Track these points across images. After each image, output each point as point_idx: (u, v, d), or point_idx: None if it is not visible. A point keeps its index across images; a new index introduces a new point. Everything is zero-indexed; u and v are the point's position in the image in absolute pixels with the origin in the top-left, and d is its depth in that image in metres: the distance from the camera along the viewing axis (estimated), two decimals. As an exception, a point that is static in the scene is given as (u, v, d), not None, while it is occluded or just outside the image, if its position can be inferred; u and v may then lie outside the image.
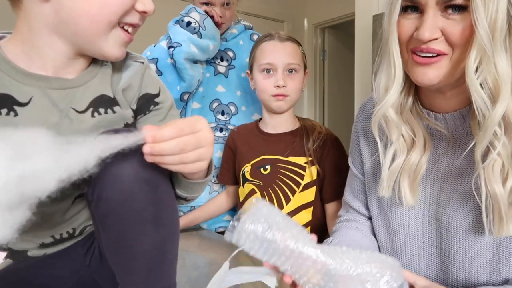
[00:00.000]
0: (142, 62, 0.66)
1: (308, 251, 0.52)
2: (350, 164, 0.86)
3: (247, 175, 1.17)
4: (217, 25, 1.29)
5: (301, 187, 1.11)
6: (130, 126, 0.65)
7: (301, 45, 1.19)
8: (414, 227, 0.70)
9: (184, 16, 1.25)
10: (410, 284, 0.58)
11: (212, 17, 1.28)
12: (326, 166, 1.12)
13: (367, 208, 0.80)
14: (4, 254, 0.68)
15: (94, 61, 0.62)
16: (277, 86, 1.10)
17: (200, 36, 1.24)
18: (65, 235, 0.65)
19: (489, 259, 0.61)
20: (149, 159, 0.47)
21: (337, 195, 1.08)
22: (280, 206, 1.11)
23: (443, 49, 0.57)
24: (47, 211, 0.59)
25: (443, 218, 0.66)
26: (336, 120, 3.43)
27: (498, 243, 0.61)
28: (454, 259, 0.64)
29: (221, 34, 1.36)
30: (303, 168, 1.12)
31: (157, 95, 0.67)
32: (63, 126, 0.57)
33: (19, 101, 0.55)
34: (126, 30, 0.58)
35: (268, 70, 1.13)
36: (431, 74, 0.58)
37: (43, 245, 0.64)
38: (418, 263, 0.70)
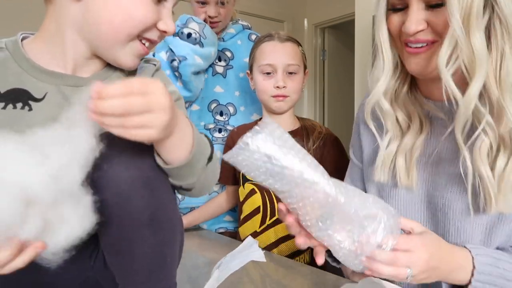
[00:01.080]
0: (155, 64, 0.68)
1: (322, 183, 0.50)
2: (351, 155, 0.87)
3: (248, 176, 1.15)
4: (211, 24, 1.29)
5: None
6: None
7: (301, 45, 1.19)
8: (411, 212, 0.71)
9: (183, 28, 1.25)
10: (407, 230, 0.59)
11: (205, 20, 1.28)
12: (326, 166, 1.11)
13: None
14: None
15: (109, 64, 0.63)
16: (277, 87, 1.11)
17: (202, 46, 1.24)
18: None
19: (481, 239, 0.63)
20: (92, 117, 0.43)
21: None
22: None
23: (431, 38, 0.60)
24: None
25: (439, 201, 0.67)
26: (336, 120, 3.43)
27: (491, 223, 0.63)
28: (448, 242, 0.65)
29: (218, 34, 1.36)
30: None
31: None
32: None
33: (35, 97, 0.57)
34: (143, 44, 0.60)
35: (268, 72, 1.13)
36: (423, 63, 0.61)
37: None
38: None
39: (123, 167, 0.49)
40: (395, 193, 0.72)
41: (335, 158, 1.13)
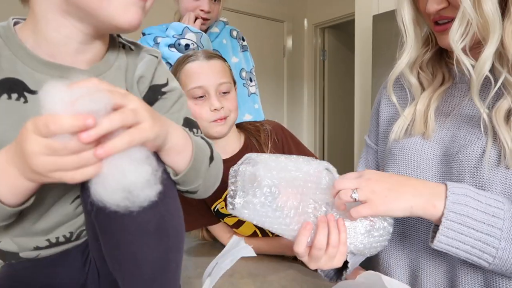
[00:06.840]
0: (156, 57, 0.66)
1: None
2: (366, 139, 0.88)
3: (223, 211, 1.05)
4: (202, 20, 1.27)
5: None
6: None
7: (226, 60, 1.09)
8: (423, 161, 0.69)
9: (180, 39, 1.21)
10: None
11: (197, 19, 1.26)
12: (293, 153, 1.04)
13: None
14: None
15: (108, 53, 0.60)
16: (215, 109, 0.98)
17: None
18: (61, 239, 0.63)
19: (500, 190, 0.58)
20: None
21: None
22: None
23: (455, 14, 0.61)
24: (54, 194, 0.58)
25: (454, 149, 0.65)
26: (336, 120, 3.43)
27: (510, 181, 0.58)
28: None
29: (205, 32, 1.33)
30: None
31: (165, 85, 0.67)
32: None
33: (30, 89, 0.53)
34: None
35: (200, 95, 0.99)
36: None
37: (37, 248, 0.62)
38: None
39: None
40: (408, 143, 0.72)
41: (296, 143, 1.08)
